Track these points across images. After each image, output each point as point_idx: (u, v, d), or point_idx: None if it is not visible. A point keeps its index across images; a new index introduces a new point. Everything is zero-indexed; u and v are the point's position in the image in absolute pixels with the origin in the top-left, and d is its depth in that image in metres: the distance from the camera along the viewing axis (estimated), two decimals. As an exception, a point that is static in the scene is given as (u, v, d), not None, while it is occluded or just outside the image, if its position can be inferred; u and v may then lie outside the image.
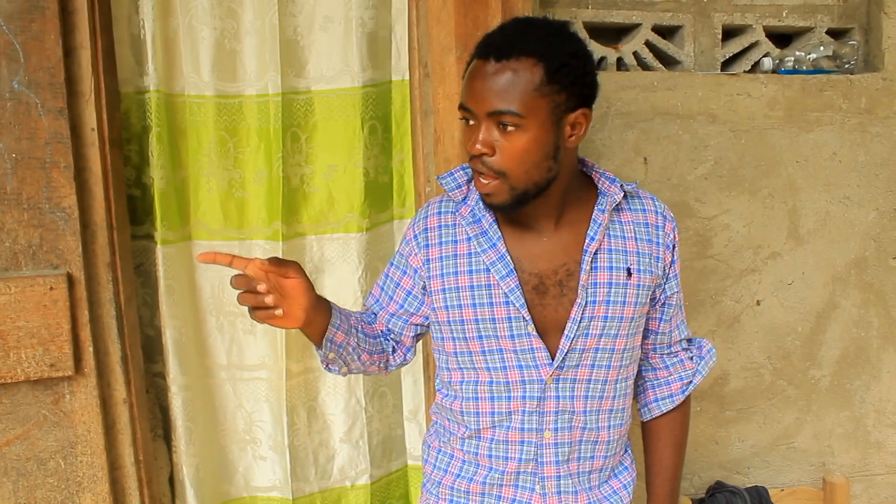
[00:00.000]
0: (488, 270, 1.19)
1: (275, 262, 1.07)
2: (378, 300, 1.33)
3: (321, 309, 1.16)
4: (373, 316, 1.34)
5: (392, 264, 1.32)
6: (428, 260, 1.24)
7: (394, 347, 1.33)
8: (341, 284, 1.92)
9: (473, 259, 1.20)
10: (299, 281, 1.09)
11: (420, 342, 1.47)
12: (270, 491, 1.97)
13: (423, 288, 1.27)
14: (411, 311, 1.29)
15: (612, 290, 1.20)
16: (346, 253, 1.91)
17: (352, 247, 1.90)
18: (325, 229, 1.90)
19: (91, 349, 1.52)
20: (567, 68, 1.08)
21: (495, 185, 1.12)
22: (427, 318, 1.30)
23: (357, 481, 2.01)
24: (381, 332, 1.32)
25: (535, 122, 1.08)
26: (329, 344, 1.19)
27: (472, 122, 1.12)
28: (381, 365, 1.32)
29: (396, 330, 1.32)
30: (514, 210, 1.16)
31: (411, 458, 2.09)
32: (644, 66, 2.06)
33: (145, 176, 1.77)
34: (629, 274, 1.21)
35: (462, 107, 1.13)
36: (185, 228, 1.83)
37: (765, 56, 2.12)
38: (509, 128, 1.08)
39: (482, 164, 1.11)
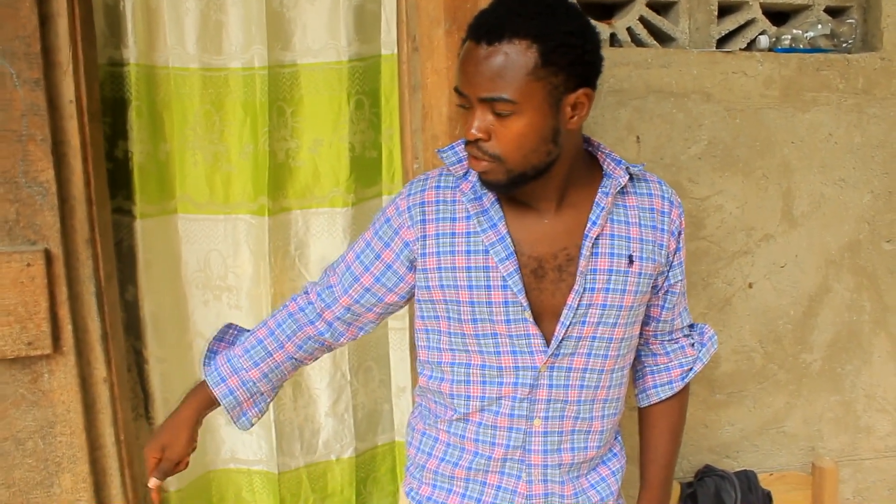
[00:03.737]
0: (487, 252, 1.14)
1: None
2: (350, 269, 1.26)
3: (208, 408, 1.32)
4: (319, 303, 1.28)
5: (376, 234, 1.24)
6: (424, 236, 1.18)
7: (341, 332, 1.29)
8: (326, 259, 1.89)
9: (472, 239, 1.16)
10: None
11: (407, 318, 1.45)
12: (255, 464, 1.96)
13: (411, 264, 1.21)
14: (389, 286, 1.23)
15: (612, 277, 1.16)
16: (332, 228, 1.89)
17: (337, 222, 1.88)
18: (311, 204, 1.88)
19: (70, 327, 1.48)
20: (564, 48, 1.03)
21: (492, 166, 1.08)
22: (402, 297, 1.26)
23: (342, 455, 2.01)
24: (329, 318, 1.28)
25: (531, 107, 1.04)
26: (245, 416, 1.33)
27: (467, 106, 1.08)
28: (319, 356, 1.36)
29: (362, 309, 1.26)
30: (511, 190, 1.12)
31: (399, 435, 2.08)
32: (638, 42, 2.02)
33: (118, 149, 1.74)
34: (630, 261, 1.17)
35: (457, 90, 1.09)
36: (167, 202, 1.81)
37: (761, 34, 2.08)
38: (504, 113, 1.04)
39: (478, 149, 1.08)
